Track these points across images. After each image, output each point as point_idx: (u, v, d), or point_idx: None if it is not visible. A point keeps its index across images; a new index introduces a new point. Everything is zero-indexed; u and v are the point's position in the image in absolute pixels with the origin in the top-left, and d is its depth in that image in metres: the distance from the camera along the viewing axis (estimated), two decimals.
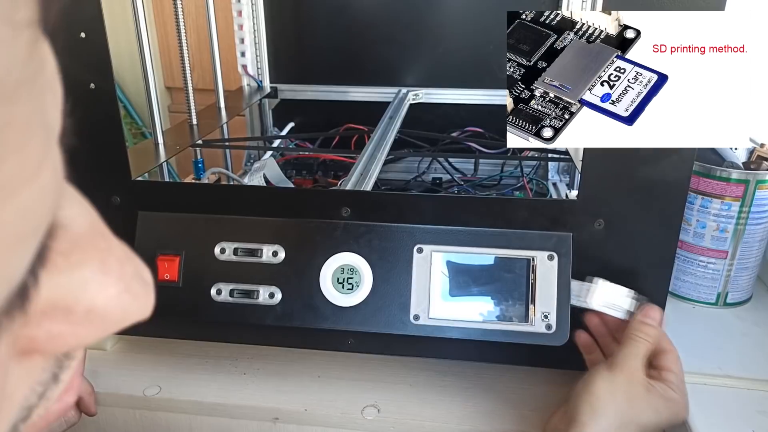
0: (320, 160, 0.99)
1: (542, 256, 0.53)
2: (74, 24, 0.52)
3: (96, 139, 0.56)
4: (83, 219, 0.17)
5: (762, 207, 0.64)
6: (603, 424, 0.45)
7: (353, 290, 0.54)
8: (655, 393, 0.47)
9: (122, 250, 0.18)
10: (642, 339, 0.48)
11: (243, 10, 0.99)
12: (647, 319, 0.49)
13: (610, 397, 0.46)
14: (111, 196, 0.58)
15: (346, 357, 0.62)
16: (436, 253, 0.54)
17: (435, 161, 0.99)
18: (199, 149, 0.86)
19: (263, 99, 1.04)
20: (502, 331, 0.53)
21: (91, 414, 0.56)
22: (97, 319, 0.17)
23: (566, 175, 0.95)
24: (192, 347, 0.64)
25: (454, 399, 0.57)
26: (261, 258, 0.55)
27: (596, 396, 0.46)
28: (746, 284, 0.68)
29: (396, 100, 0.96)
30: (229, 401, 0.57)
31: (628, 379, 0.47)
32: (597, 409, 0.46)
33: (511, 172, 0.95)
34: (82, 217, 0.17)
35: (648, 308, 0.50)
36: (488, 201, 0.55)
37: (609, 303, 0.51)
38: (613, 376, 0.47)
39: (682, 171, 0.50)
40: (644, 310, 0.50)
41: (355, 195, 0.57)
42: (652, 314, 0.49)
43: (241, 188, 0.74)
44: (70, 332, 0.16)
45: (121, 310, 0.17)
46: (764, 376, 0.55)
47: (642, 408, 0.46)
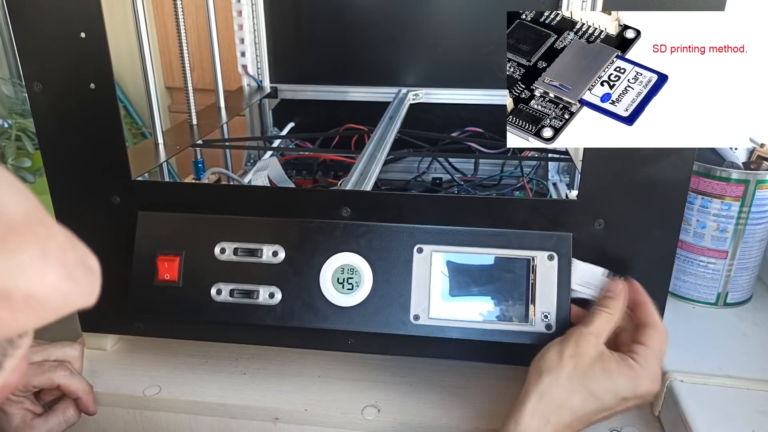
0: (320, 160, 0.99)
1: (542, 256, 0.53)
2: (74, 24, 0.52)
3: (96, 139, 0.56)
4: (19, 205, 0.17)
5: (762, 207, 0.64)
6: (549, 386, 0.45)
7: (353, 290, 0.54)
8: (609, 359, 0.46)
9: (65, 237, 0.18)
10: (602, 311, 0.49)
11: (243, 10, 0.99)
12: (608, 293, 0.50)
13: (556, 358, 0.46)
14: (111, 196, 0.58)
15: (346, 357, 0.62)
16: (436, 253, 0.54)
17: (435, 161, 0.99)
18: (199, 149, 0.86)
19: (263, 99, 1.05)
20: (502, 331, 0.53)
21: (90, 413, 0.56)
22: (37, 305, 0.17)
23: (566, 175, 0.95)
24: (192, 347, 0.64)
25: (454, 399, 0.57)
26: (261, 258, 0.55)
27: (544, 358, 0.47)
28: (746, 284, 0.68)
29: (396, 100, 0.96)
30: (229, 401, 0.57)
31: (576, 344, 0.47)
32: (544, 369, 0.46)
33: (511, 172, 0.95)
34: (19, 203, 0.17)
35: (611, 282, 0.51)
36: (488, 201, 0.55)
37: (583, 282, 0.52)
38: (563, 342, 0.47)
39: (682, 171, 0.50)
40: (607, 284, 0.51)
41: (355, 195, 0.57)
42: (613, 287, 0.50)
43: (241, 188, 0.74)
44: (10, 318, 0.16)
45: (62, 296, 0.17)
46: (764, 376, 0.55)
47: (592, 371, 0.46)
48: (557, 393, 0.45)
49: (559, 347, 0.47)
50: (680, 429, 0.50)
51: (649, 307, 0.49)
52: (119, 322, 0.61)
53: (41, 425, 0.54)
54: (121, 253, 0.57)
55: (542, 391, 0.45)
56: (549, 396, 0.45)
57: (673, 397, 0.53)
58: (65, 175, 0.58)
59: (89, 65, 0.54)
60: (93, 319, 0.62)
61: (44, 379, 0.54)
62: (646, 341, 0.48)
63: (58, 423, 0.55)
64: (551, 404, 0.45)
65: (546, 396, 0.45)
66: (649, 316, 0.49)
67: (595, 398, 0.45)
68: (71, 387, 0.55)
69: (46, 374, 0.54)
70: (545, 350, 0.48)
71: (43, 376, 0.54)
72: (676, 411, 0.51)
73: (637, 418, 0.55)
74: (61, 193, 0.59)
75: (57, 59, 0.54)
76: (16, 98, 1.16)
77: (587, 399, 0.45)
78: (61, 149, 0.57)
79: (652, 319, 0.49)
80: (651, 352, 0.47)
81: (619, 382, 0.46)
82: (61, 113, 0.56)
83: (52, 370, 0.54)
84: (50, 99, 0.55)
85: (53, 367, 0.54)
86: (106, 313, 0.61)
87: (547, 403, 0.45)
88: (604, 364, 0.46)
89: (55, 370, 0.54)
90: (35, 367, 0.54)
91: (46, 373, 0.54)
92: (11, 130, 0.98)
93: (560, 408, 0.45)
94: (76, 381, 0.55)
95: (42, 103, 0.55)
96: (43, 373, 0.54)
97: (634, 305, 0.50)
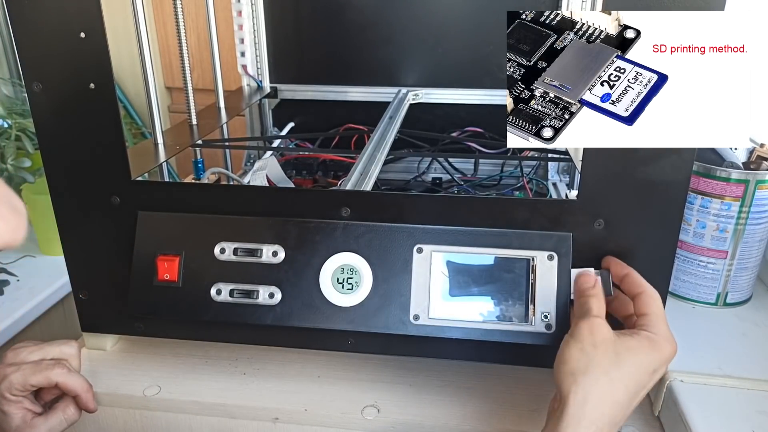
0: (320, 160, 0.99)
1: (542, 256, 0.53)
2: (74, 24, 0.52)
3: (96, 139, 0.56)
4: None
5: (762, 207, 0.64)
6: (590, 387, 0.43)
7: (353, 290, 0.54)
8: (624, 336, 0.46)
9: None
10: (588, 296, 0.49)
11: (243, 10, 0.99)
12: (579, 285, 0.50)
13: (581, 355, 0.45)
14: (111, 196, 0.58)
15: (346, 357, 0.62)
16: (436, 253, 0.54)
17: (435, 161, 0.99)
18: (199, 149, 0.86)
19: (263, 99, 1.05)
20: (502, 331, 0.53)
21: (90, 410, 0.56)
22: None
23: (566, 175, 0.95)
24: (192, 347, 0.64)
25: (454, 399, 0.57)
26: (261, 258, 0.55)
27: (568, 361, 0.45)
28: (746, 284, 0.68)
29: (396, 100, 0.96)
30: (229, 401, 0.57)
31: (589, 333, 0.45)
32: (575, 372, 0.44)
33: (511, 172, 0.95)
34: None
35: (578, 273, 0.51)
36: (488, 201, 0.55)
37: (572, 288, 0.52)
38: (575, 336, 0.46)
39: (682, 171, 0.50)
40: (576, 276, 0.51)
41: (355, 195, 0.57)
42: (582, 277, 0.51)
43: (241, 188, 0.74)
44: None
45: None
46: (764, 376, 0.55)
47: (618, 353, 0.44)
48: (599, 392, 0.43)
49: (575, 344, 0.45)
50: (680, 429, 0.50)
51: (635, 275, 0.49)
52: (119, 322, 0.61)
53: (42, 424, 0.54)
54: (121, 253, 0.57)
55: (584, 396, 0.43)
56: (593, 398, 0.43)
57: (673, 397, 0.53)
58: (65, 175, 0.58)
59: (89, 65, 0.54)
60: (93, 319, 0.62)
61: (42, 377, 0.53)
62: (646, 309, 0.47)
63: (58, 421, 0.55)
64: (598, 407, 0.43)
65: (590, 399, 0.43)
66: (637, 284, 0.49)
67: (634, 381, 0.44)
68: (69, 385, 0.55)
69: (43, 373, 0.54)
70: (565, 353, 0.46)
71: (41, 374, 0.53)
72: (676, 411, 0.51)
73: (637, 418, 0.55)
74: (61, 193, 0.59)
75: (57, 59, 0.54)
76: (16, 98, 1.16)
77: (627, 386, 0.44)
78: (61, 149, 0.57)
79: (642, 286, 0.49)
80: (655, 316, 0.47)
81: (646, 357, 0.45)
82: (61, 113, 0.56)
83: (50, 368, 0.54)
84: (50, 99, 0.55)
85: (50, 365, 0.54)
86: (106, 313, 0.61)
87: (592, 407, 0.43)
88: (625, 344, 0.45)
89: (53, 368, 0.54)
90: (32, 366, 0.54)
91: (44, 372, 0.54)
92: (11, 130, 0.98)
93: (606, 405, 0.43)
94: (74, 378, 0.55)
95: (42, 103, 0.55)
96: (40, 371, 0.54)
97: (621, 280, 0.50)
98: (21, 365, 0.54)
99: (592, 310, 0.48)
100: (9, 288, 0.89)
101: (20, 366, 0.54)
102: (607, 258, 0.52)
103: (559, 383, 0.45)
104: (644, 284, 0.49)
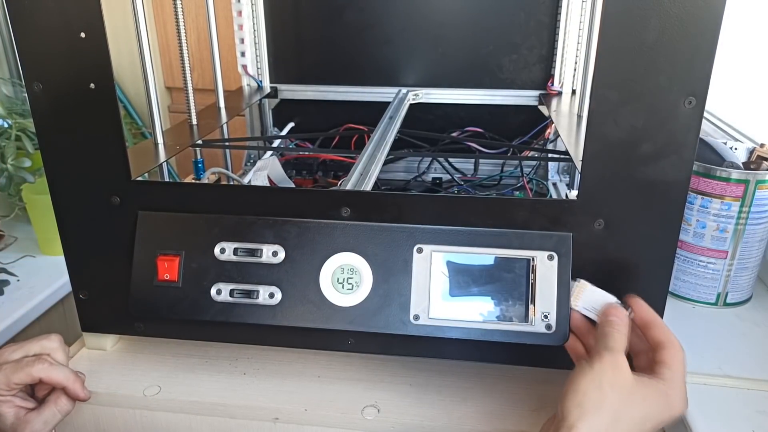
0: (320, 160, 1.00)
1: (542, 256, 0.53)
2: (74, 24, 0.52)
3: (96, 139, 0.56)
4: None
5: (762, 207, 0.64)
6: (594, 422, 0.43)
7: (353, 290, 0.54)
8: (642, 383, 0.45)
9: None
10: (614, 329, 0.47)
11: (243, 10, 0.99)
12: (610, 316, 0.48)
13: (597, 392, 0.44)
14: (111, 196, 0.58)
15: (346, 357, 0.62)
16: (436, 253, 0.54)
17: (435, 161, 0.99)
18: (199, 149, 0.86)
19: (263, 99, 1.05)
20: (502, 331, 0.53)
21: (81, 399, 0.56)
22: None
23: (566, 175, 0.95)
24: (192, 347, 0.64)
25: (454, 399, 0.57)
26: (261, 258, 0.55)
27: (583, 392, 0.44)
28: (746, 284, 0.68)
29: (396, 100, 0.96)
30: (229, 401, 0.57)
31: (612, 370, 0.45)
32: (586, 406, 0.43)
33: (511, 172, 0.95)
34: None
35: (613, 306, 0.49)
36: (488, 201, 0.55)
37: (590, 306, 0.51)
38: (596, 370, 0.45)
39: (682, 171, 0.50)
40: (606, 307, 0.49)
41: (355, 195, 0.57)
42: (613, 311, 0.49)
43: (241, 188, 0.74)
44: None
45: None
46: (764, 376, 0.55)
47: (632, 399, 0.44)
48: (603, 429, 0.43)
49: (594, 378, 0.44)
50: (680, 429, 0.50)
51: (662, 326, 0.48)
52: (119, 322, 0.61)
53: (35, 419, 0.54)
54: (121, 253, 0.57)
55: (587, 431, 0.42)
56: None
57: None
58: (65, 175, 0.58)
59: (89, 65, 0.54)
60: (93, 319, 0.62)
61: (23, 375, 0.54)
62: (668, 361, 0.46)
63: (52, 414, 0.55)
64: None
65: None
66: (663, 334, 0.47)
67: (638, 429, 0.44)
68: (53, 377, 0.55)
69: (24, 370, 0.54)
70: (580, 383, 0.44)
71: (22, 372, 0.54)
72: None
73: None
74: (61, 193, 0.59)
75: (57, 59, 0.54)
76: (16, 98, 1.16)
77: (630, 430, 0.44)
78: (61, 149, 0.57)
79: (668, 337, 0.47)
80: (676, 372, 0.46)
81: (657, 409, 0.44)
82: (61, 113, 0.56)
83: (30, 364, 0.54)
84: (50, 99, 0.55)
85: (31, 361, 0.54)
86: (106, 313, 0.61)
87: None
88: (641, 391, 0.44)
89: (33, 364, 0.54)
90: (14, 364, 0.54)
91: (25, 369, 0.54)
92: (11, 130, 0.98)
93: None
94: (57, 371, 0.55)
95: (42, 103, 0.55)
96: (21, 369, 0.54)
97: (645, 325, 0.49)
98: (2, 365, 0.54)
99: (618, 344, 0.46)
100: (9, 288, 0.89)
101: (1, 366, 0.54)
102: (633, 298, 0.50)
103: (565, 411, 0.44)
104: (672, 337, 0.47)
